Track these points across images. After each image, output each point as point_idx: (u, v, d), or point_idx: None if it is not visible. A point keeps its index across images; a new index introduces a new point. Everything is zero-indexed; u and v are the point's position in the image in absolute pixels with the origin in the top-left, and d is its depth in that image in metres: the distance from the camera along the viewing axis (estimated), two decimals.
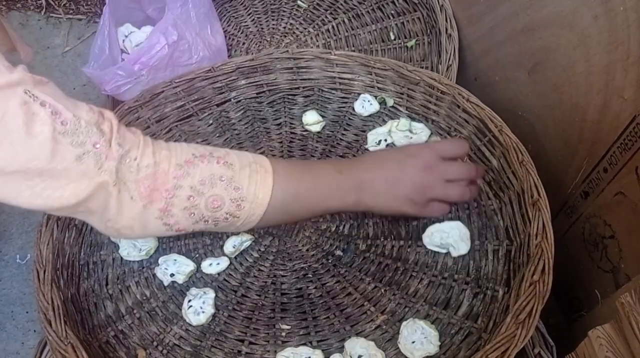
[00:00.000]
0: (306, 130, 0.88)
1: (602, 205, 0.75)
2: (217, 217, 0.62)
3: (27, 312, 1.14)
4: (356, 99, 0.89)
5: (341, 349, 0.67)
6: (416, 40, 1.04)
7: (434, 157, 0.69)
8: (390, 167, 0.69)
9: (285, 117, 0.91)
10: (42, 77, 0.56)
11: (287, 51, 0.89)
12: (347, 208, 0.70)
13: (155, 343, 0.71)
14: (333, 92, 0.91)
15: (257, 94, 0.92)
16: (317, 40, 1.09)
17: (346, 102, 0.90)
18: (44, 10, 1.54)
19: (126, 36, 1.11)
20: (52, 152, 0.53)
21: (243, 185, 0.62)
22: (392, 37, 1.05)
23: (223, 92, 0.91)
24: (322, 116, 0.89)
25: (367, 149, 0.84)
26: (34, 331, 1.12)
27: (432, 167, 0.69)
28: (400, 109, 0.86)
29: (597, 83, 0.70)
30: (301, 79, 0.91)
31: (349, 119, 0.88)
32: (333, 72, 0.89)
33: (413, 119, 0.85)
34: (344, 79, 0.89)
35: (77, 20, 1.53)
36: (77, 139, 0.55)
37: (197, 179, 0.60)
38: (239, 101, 0.92)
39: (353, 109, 0.89)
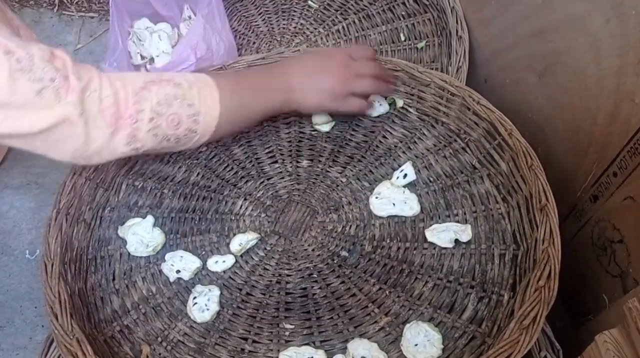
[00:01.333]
0: (315, 130, 0.88)
1: (611, 209, 0.74)
2: (178, 134, 0.67)
3: (35, 307, 1.15)
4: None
5: (344, 350, 0.67)
6: (426, 42, 1.04)
7: (348, 56, 0.79)
8: (313, 64, 0.79)
9: (294, 116, 0.90)
10: None
11: (299, 50, 0.89)
12: (282, 106, 0.77)
13: (159, 339, 0.71)
14: None
15: None
16: (328, 41, 1.09)
17: None
18: (56, 7, 1.55)
19: (145, 29, 1.12)
20: (11, 88, 0.56)
21: (195, 102, 0.67)
22: (403, 38, 1.05)
23: None
24: (332, 115, 0.89)
25: (377, 147, 0.85)
26: (42, 326, 1.13)
27: (348, 64, 0.78)
28: (411, 110, 0.86)
29: (607, 87, 0.70)
30: None
31: (359, 119, 0.88)
32: None
33: (423, 120, 0.85)
34: None
35: (89, 18, 1.54)
36: (34, 75, 0.57)
37: (155, 101, 0.65)
38: None
39: None
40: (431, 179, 0.80)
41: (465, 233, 0.72)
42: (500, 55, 0.95)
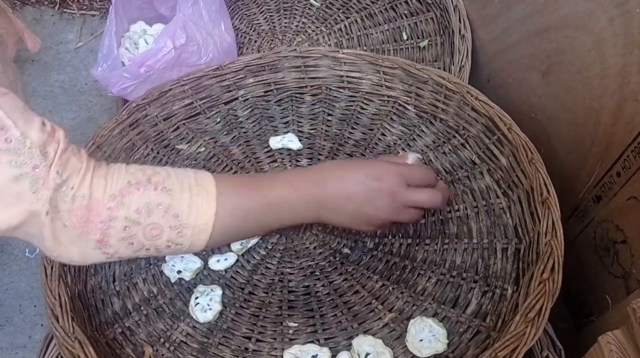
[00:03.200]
0: (314, 129, 0.88)
1: (614, 209, 0.74)
2: (158, 245, 0.60)
3: (35, 306, 1.15)
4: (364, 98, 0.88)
5: (349, 347, 0.67)
6: (429, 41, 1.03)
7: (401, 183, 0.65)
8: (354, 188, 0.64)
9: (292, 115, 0.90)
10: (4, 88, 0.54)
11: (295, 49, 0.89)
12: (304, 222, 0.70)
13: (162, 340, 0.70)
14: (341, 90, 0.90)
15: (264, 92, 0.92)
16: (329, 39, 1.09)
17: (354, 101, 0.90)
18: (57, 5, 1.54)
19: (140, 32, 1.11)
20: None
21: (183, 212, 0.59)
22: (405, 37, 1.05)
23: (231, 91, 0.91)
24: (330, 114, 0.89)
25: (375, 150, 0.84)
26: (41, 325, 1.12)
27: (396, 194, 0.64)
28: (409, 107, 0.86)
29: (611, 86, 0.69)
30: (309, 78, 0.91)
31: (357, 117, 0.88)
32: (341, 70, 0.89)
33: (421, 117, 0.85)
34: (352, 77, 0.89)
35: (91, 16, 1.54)
36: (18, 159, 0.52)
37: (133, 209, 0.58)
38: (247, 99, 0.92)
39: (360, 108, 0.88)
40: None
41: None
42: (503, 54, 0.94)
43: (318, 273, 0.74)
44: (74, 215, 0.56)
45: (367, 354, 0.65)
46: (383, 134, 0.86)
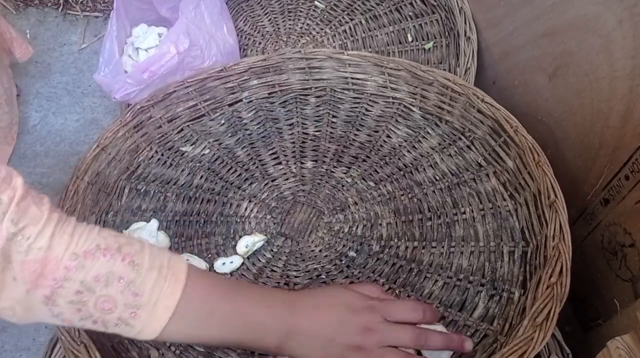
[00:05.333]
0: (319, 130, 0.88)
1: (622, 212, 0.74)
2: (106, 320, 0.54)
3: None
4: (369, 99, 0.88)
5: None
6: (434, 43, 1.03)
7: (378, 319, 0.61)
8: (328, 320, 0.60)
9: (297, 117, 0.90)
10: None
11: (300, 51, 0.88)
12: (264, 350, 0.62)
13: (167, 344, 0.70)
14: (345, 92, 0.90)
15: (269, 94, 0.92)
16: (334, 41, 1.08)
17: (359, 103, 0.89)
18: (61, 7, 1.54)
19: (139, 37, 1.11)
20: None
21: (144, 292, 0.53)
22: (410, 39, 1.05)
23: (235, 92, 0.91)
24: (335, 116, 0.89)
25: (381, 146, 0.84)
26: (45, 327, 1.12)
27: (372, 330, 0.60)
28: (414, 109, 0.86)
29: (620, 89, 0.69)
30: (313, 79, 0.91)
31: (362, 119, 0.88)
32: (345, 72, 0.88)
33: (426, 119, 0.85)
34: (357, 79, 0.89)
35: (94, 17, 1.54)
36: None
37: (92, 274, 0.52)
38: (251, 101, 0.92)
39: (365, 109, 0.88)
40: (437, 178, 0.79)
41: None
42: (510, 56, 0.94)
43: (324, 277, 0.73)
44: (27, 268, 0.51)
45: None
46: (388, 136, 0.86)
